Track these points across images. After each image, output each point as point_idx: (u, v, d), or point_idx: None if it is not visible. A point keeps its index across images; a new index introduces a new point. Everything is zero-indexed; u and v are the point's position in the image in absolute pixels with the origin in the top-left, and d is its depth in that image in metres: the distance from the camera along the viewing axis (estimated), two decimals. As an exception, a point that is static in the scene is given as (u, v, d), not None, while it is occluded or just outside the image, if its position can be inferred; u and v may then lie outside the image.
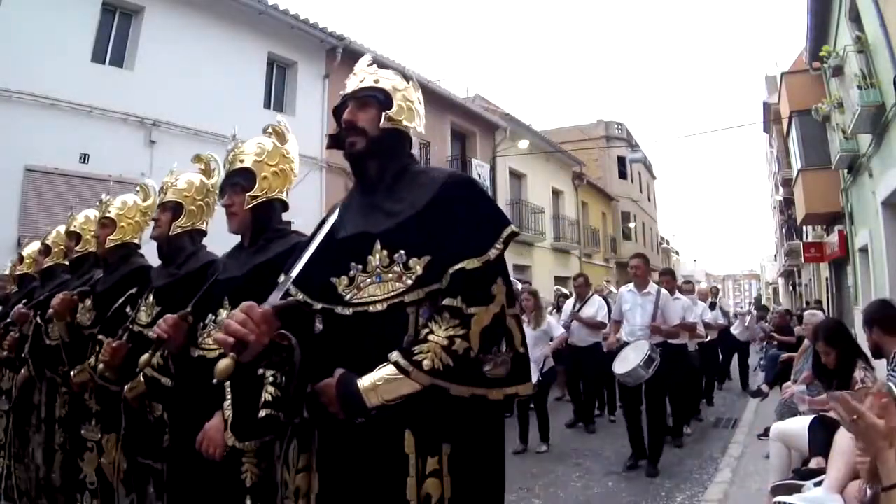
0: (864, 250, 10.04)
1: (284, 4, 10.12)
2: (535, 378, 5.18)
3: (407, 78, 1.66)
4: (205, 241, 2.48)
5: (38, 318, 2.96)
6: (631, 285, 5.37)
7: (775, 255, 40.35)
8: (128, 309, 2.49)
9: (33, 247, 3.78)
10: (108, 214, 2.74)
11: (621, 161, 27.99)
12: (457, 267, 1.33)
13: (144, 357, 2.03)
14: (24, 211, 7.15)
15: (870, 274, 9.66)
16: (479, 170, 15.07)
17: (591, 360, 6.50)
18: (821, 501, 2.34)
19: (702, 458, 5.33)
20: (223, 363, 1.21)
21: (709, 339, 7.68)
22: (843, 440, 2.41)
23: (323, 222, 1.58)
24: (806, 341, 5.37)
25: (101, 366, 2.31)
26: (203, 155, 2.46)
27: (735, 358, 9.60)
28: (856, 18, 8.64)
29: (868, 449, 1.46)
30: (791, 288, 31.04)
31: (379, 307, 1.36)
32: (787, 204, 21.11)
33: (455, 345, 1.27)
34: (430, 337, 1.29)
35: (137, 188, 2.92)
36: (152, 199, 2.74)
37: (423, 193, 1.45)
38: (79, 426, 2.62)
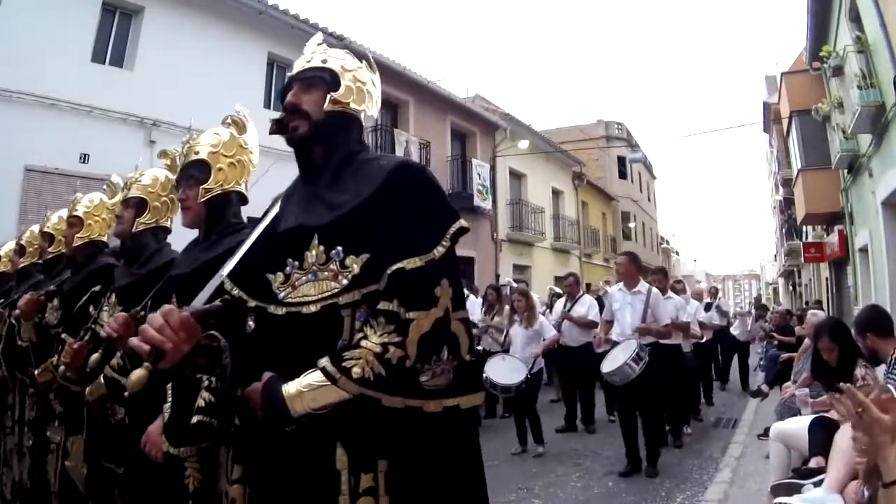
0: (864, 250, 10.04)
1: (284, 4, 10.11)
2: (521, 378, 5.23)
3: (361, 57, 1.57)
4: (177, 238, 2.38)
5: (13, 319, 2.92)
6: (621, 284, 5.29)
7: (775, 255, 40.34)
8: (91, 308, 2.43)
9: (9, 246, 3.73)
10: (75, 213, 2.68)
11: (621, 161, 28.00)
12: (395, 267, 1.22)
13: (94, 356, 2.00)
14: (24, 211, 7.14)
15: (870, 274, 9.67)
16: (479, 170, 15.07)
17: (582, 361, 6.39)
18: (821, 501, 2.34)
19: (702, 458, 5.32)
20: (136, 374, 1.11)
21: (704, 339, 7.58)
22: (843, 440, 2.40)
23: (266, 213, 1.47)
24: (806, 341, 5.37)
25: (62, 367, 2.25)
26: (169, 150, 2.35)
27: (735, 358, 9.56)
28: (856, 18, 8.64)
29: (870, 445, 1.46)
30: (791, 288, 31.04)
31: (312, 308, 1.26)
32: (787, 204, 21.11)
33: (389, 353, 1.16)
34: (363, 343, 1.19)
35: (105, 185, 2.84)
36: (119, 196, 2.63)
37: (368, 184, 1.32)
38: (44, 427, 2.57)
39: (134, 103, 8.21)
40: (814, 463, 2.82)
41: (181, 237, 2.22)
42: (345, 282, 1.25)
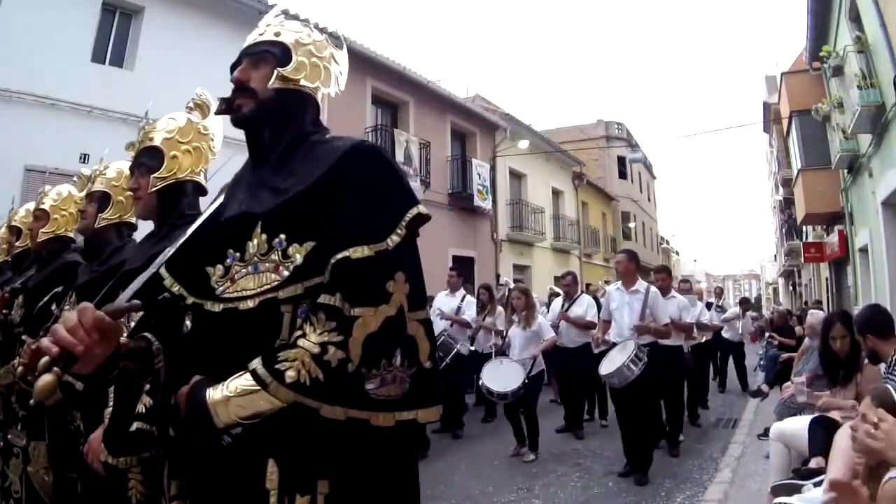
0: (864, 250, 10.04)
1: (284, 4, 10.11)
2: (519, 384, 5.08)
3: (322, 30, 1.44)
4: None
5: None
6: (619, 283, 5.17)
7: (775, 255, 40.34)
8: (53, 307, 2.31)
9: None
10: (41, 206, 2.57)
11: (621, 161, 28.02)
12: (339, 256, 1.07)
13: (45, 359, 1.88)
14: (24, 211, 7.15)
15: (870, 274, 9.67)
16: (479, 170, 15.07)
17: (580, 362, 6.19)
18: (821, 501, 2.34)
19: (702, 458, 5.32)
20: (43, 380, 0.97)
21: (704, 339, 7.52)
22: (843, 440, 2.40)
23: (214, 201, 1.37)
24: (806, 341, 5.37)
25: (20, 368, 2.11)
26: (135, 142, 2.19)
27: (731, 360, 9.48)
28: (856, 18, 8.64)
29: (867, 449, 1.47)
30: (791, 288, 31.05)
31: (249, 304, 1.12)
32: (787, 204, 21.12)
33: (328, 354, 1.01)
34: (301, 342, 1.03)
35: (75, 178, 2.69)
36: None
37: (318, 167, 1.19)
38: (6, 431, 2.47)
39: (134, 103, 8.20)
40: (814, 463, 2.81)
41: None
42: (286, 273, 1.12)
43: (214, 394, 1.04)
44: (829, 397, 3.38)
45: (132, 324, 1.33)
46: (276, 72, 1.28)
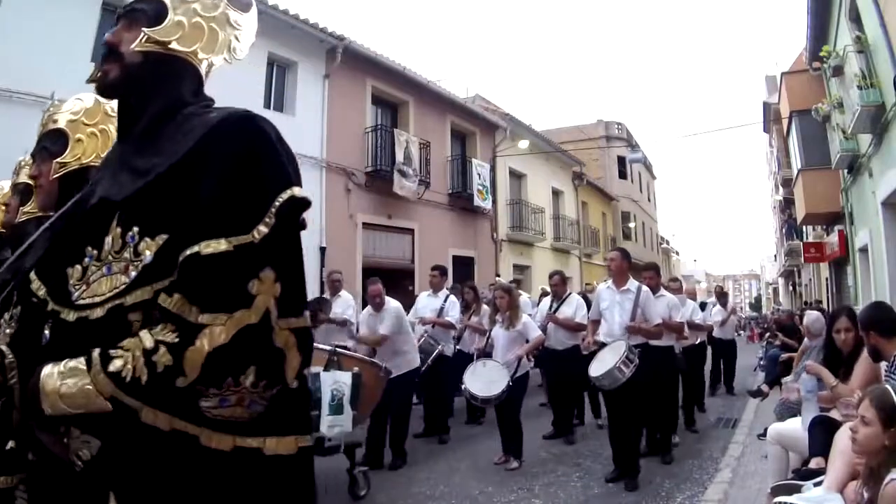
0: (864, 250, 10.04)
1: (284, 4, 10.11)
2: (502, 388, 4.87)
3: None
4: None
5: None
6: (609, 282, 5.00)
7: (775, 255, 40.38)
8: None
9: None
10: None
11: (621, 161, 28.05)
12: (189, 252, 0.90)
13: None
14: (24, 211, 7.15)
15: (870, 274, 9.67)
16: (479, 170, 15.07)
17: (569, 365, 5.90)
18: (821, 500, 2.34)
19: (702, 458, 5.32)
20: None
21: (699, 341, 7.29)
22: (842, 440, 2.41)
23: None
24: (806, 341, 5.38)
25: None
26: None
27: (722, 362, 9.36)
28: (856, 18, 8.64)
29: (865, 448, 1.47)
30: (791, 288, 31.06)
31: (98, 312, 0.95)
32: (787, 204, 21.15)
33: (157, 354, 0.86)
34: (142, 334, 0.89)
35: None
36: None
37: (185, 144, 1.01)
38: None
39: (134, 103, 8.23)
40: (814, 464, 2.82)
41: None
42: (133, 274, 0.94)
43: (47, 369, 0.90)
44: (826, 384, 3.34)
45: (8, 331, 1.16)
46: (143, 31, 1.10)
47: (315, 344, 4.61)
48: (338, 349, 4.35)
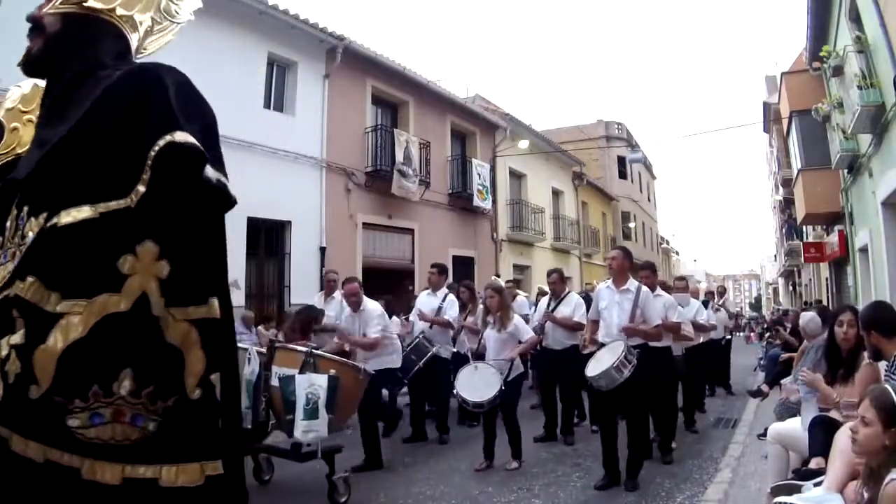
0: (864, 250, 10.05)
1: (284, 4, 10.11)
2: (495, 392, 4.76)
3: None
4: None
5: None
6: (609, 281, 4.90)
7: (775, 255, 40.39)
8: None
9: None
10: None
11: (621, 161, 28.06)
12: (49, 224, 0.76)
13: None
14: (24, 211, 7.14)
15: (870, 274, 9.67)
16: (479, 170, 15.07)
17: (567, 365, 5.79)
18: (821, 500, 2.34)
19: (702, 458, 5.32)
20: None
21: (703, 340, 7.06)
22: (842, 440, 2.41)
23: None
24: (805, 341, 5.38)
25: None
26: None
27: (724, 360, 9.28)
28: (856, 18, 8.64)
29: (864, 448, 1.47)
30: (791, 288, 31.07)
31: None
32: (787, 204, 21.16)
33: (9, 362, 0.70)
34: (3, 339, 0.73)
35: None
36: None
37: (84, 106, 0.89)
38: None
39: (134, 103, 8.21)
40: (814, 464, 2.82)
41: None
42: (17, 262, 0.79)
43: None
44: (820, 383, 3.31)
45: None
46: None
47: (290, 345, 4.50)
48: (314, 350, 4.23)
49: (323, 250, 10.84)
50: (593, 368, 4.43)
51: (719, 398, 8.79)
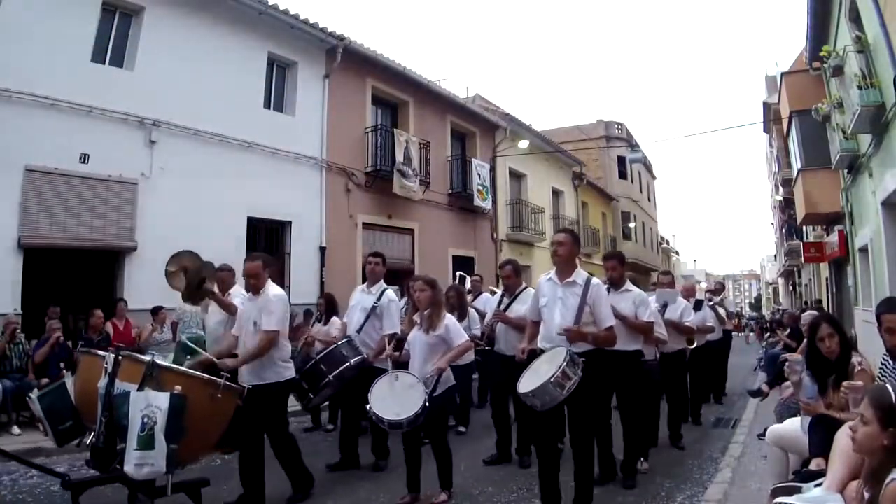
0: (864, 250, 10.05)
1: (284, 4, 10.13)
2: (417, 409, 3.78)
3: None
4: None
5: None
6: (552, 273, 3.90)
7: (775, 255, 40.39)
8: None
9: None
10: None
11: (621, 161, 28.06)
12: None
13: None
14: (24, 211, 7.14)
15: (870, 274, 9.67)
16: (479, 170, 15.08)
17: (520, 373, 4.31)
18: (821, 501, 2.34)
19: (702, 458, 5.32)
20: None
21: (696, 345, 6.48)
22: (843, 440, 2.40)
23: None
24: (806, 341, 5.37)
25: None
26: None
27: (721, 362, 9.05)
28: (856, 18, 8.64)
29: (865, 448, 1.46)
30: (791, 288, 31.07)
31: None
32: (787, 204, 21.15)
33: None
34: None
35: None
36: None
37: None
38: None
39: (134, 103, 8.22)
40: (814, 465, 2.81)
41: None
42: None
43: None
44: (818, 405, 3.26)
45: None
46: None
47: (131, 353, 3.50)
48: (156, 361, 3.33)
49: (323, 250, 10.84)
50: (527, 384, 3.49)
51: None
